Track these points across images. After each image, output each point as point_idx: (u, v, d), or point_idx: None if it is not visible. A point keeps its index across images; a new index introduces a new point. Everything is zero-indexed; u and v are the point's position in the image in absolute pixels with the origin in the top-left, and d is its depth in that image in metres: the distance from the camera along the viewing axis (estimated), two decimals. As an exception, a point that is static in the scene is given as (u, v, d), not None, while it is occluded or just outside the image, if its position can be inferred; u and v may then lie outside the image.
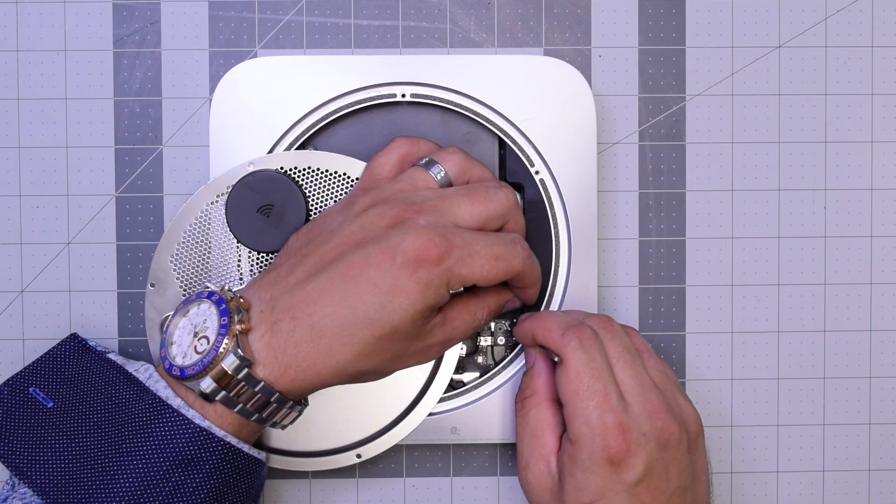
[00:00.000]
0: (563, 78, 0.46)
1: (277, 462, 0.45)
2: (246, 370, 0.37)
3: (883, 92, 0.48)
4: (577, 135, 0.46)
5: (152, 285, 0.45)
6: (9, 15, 0.47)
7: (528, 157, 0.46)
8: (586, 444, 0.39)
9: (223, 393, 0.38)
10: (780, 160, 0.48)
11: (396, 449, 0.47)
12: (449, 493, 0.48)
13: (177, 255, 0.44)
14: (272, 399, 0.38)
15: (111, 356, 0.41)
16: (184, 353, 0.39)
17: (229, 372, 0.37)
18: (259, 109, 0.45)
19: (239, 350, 0.37)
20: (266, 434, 0.45)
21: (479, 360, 0.47)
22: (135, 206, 0.47)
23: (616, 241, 0.48)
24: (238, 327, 0.37)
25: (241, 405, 0.38)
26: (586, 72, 0.48)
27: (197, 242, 0.45)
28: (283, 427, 0.41)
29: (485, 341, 0.47)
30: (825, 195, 0.49)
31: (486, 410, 0.46)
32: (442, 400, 0.46)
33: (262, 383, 0.38)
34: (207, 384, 0.37)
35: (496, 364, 0.46)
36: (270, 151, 0.45)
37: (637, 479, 0.39)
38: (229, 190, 0.44)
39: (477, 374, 0.47)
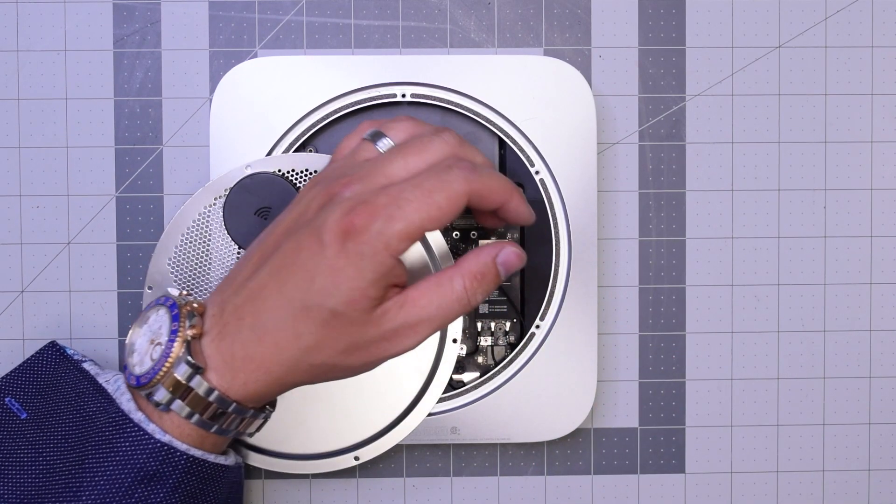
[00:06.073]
0: (563, 78, 0.46)
1: (276, 465, 0.45)
2: (198, 377, 0.36)
3: (883, 92, 0.48)
4: (576, 135, 0.46)
5: (150, 288, 0.45)
6: (9, 15, 0.47)
7: (528, 157, 0.46)
8: None
9: (178, 402, 0.36)
10: (780, 160, 0.48)
11: (396, 449, 0.47)
12: (449, 493, 0.48)
13: (174, 257, 0.44)
14: (229, 409, 0.36)
15: (86, 365, 0.40)
16: (141, 360, 0.37)
17: (182, 380, 0.36)
18: (259, 109, 0.45)
19: (189, 357, 0.36)
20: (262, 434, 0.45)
21: (479, 360, 0.47)
22: (135, 206, 0.47)
23: (616, 241, 0.48)
24: (189, 332, 0.36)
25: (197, 416, 0.36)
26: (586, 72, 0.48)
27: (194, 245, 0.44)
28: (250, 435, 0.40)
29: (485, 341, 0.47)
30: (825, 195, 0.48)
31: (486, 410, 0.46)
32: (442, 400, 0.46)
33: (216, 392, 0.36)
34: (163, 395, 0.36)
35: (496, 364, 0.46)
36: (271, 151, 0.45)
37: None
38: (227, 193, 0.44)
39: (477, 374, 0.47)
